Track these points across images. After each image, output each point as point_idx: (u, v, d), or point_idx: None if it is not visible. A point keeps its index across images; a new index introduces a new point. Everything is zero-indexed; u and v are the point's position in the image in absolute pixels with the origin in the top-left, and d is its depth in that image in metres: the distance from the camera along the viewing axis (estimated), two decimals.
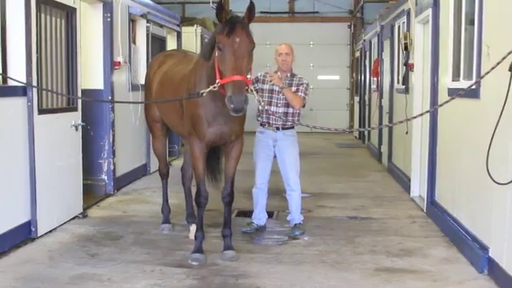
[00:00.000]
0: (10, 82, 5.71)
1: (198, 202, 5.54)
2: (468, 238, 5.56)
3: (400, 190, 9.11)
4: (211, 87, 4.87)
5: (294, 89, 6.24)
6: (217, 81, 4.81)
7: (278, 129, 6.32)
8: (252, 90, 4.94)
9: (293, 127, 6.36)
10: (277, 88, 6.22)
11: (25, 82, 5.67)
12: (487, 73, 4.39)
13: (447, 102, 4.77)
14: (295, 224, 6.51)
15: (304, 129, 6.67)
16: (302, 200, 6.63)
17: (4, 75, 5.63)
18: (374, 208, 7.86)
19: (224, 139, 5.51)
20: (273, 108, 6.24)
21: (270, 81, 6.21)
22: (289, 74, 6.35)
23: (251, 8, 4.89)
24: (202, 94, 4.94)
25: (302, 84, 6.29)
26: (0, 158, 5.48)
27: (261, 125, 6.41)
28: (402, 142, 9.43)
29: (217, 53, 4.83)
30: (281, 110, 6.25)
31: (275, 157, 6.45)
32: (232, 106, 4.60)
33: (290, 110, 6.26)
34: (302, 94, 6.24)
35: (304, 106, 6.27)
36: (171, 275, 5.05)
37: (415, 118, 6.80)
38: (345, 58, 20.59)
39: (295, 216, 6.53)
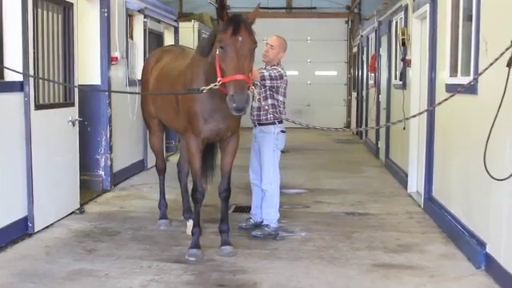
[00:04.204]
0: (7, 77, 5.69)
1: (195, 198, 5.53)
2: (465, 233, 5.57)
3: (397, 186, 9.11)
4: (212, 85, 4.82)
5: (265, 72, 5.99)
6: (218, 79, 4.79)
7: (255, 124, 6.20)
8: (253, 89, 4.92)
9: (273, 123, 6.07)
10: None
11: (21, 77, 5.64)
12: (486, 69, 4.39)
13: (446, 100, 4.76)
14: (262, 223, 6.20)
15: None
16: (279, 200, 6.29)
17: (1, 66, 5.56)
18: (372, 204, 7.87)
19: (220, 136, 5.50)
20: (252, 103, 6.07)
21: None
22: (268, 67, 6.13)
23: (258, 7, 4.94)
24: (203, 90, 4.90)
25: (271, 70, 6.02)
26: None
27: None
28: (400, 137, 9.44)
29: (218, 51, 4.79)
30: (255, 104, 6.05)
31: None
32: (234, 105, 4.58)
33: (263, 103, 5.92)
34: (262, 70, 5.97)
35: (264, 80, 5.88)
36: (168, 271, 5.04)
37: (414, 116, 6.78)
38: (342, 54, 20.58)
39: (263, 216, 6.21)
